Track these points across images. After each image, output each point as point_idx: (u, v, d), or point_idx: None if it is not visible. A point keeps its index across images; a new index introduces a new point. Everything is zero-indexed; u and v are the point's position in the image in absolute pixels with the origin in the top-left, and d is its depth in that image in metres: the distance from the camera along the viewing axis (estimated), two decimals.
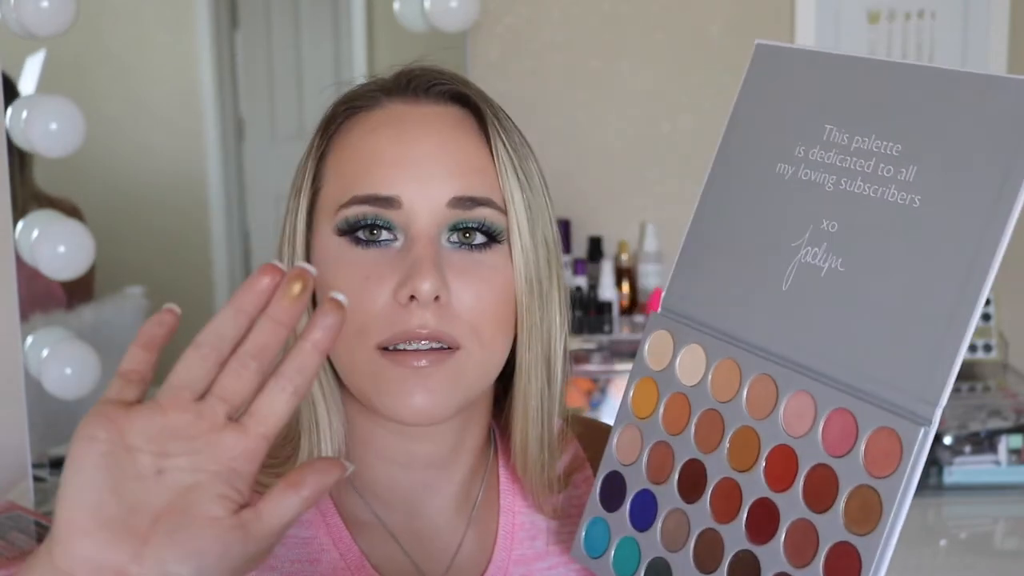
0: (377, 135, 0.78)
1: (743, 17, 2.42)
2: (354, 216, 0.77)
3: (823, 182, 0.71)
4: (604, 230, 2.44)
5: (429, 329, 0.75)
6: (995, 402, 2.06)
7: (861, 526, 0.65)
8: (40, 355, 1.62)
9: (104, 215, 2.37)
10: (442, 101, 0.80)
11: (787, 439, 0.69)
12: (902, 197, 0.67)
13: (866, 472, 0.66)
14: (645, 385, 0.78)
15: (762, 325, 0.72)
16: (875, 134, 0.69)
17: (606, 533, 0.77)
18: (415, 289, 0.74)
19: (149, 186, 2.81)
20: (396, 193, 0.76)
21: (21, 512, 1.43)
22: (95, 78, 2.72)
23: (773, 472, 0.70)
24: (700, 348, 0.75)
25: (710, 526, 0.72)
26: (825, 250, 0.70)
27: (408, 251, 0.76)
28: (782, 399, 0.70)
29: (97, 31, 2.66)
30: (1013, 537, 1.98)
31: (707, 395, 0.74)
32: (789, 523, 0.68)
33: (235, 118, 2.80)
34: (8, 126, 1.57)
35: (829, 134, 0.71)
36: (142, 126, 2.82)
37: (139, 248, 2.70)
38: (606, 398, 2.19)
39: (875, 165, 0.68)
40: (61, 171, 2.03)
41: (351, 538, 0.83)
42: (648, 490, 0.75)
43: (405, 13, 2.15)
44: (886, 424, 0.65)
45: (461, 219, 0.77)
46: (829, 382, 0.68)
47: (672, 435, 0.75)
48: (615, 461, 0.78)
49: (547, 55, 2.42)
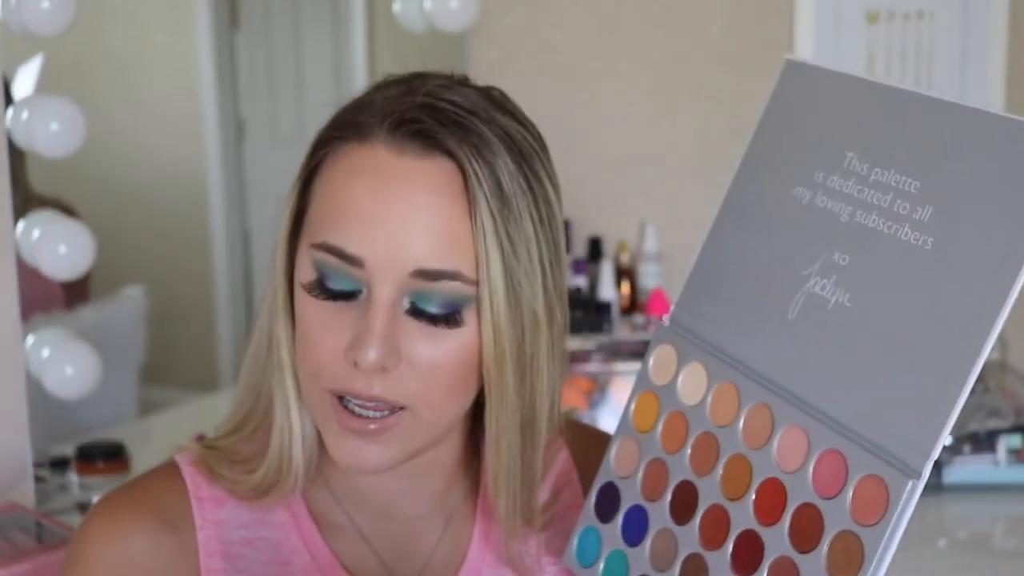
0: (356, 182, 0.75)
1: (743, 17, 2.42)
2: (321, 262, 0.75)
3: (839, 212, 0.69)
4: (604, 230, 2.44)
5: (375, 392, 0.74)
6: (994, 402, 2.06)
7: (843, 572, 0.64)
8: (40, 355, 1.62)
9: (104, 215, 2.38)
10: (429, 153, 0.75)
11: (779, 473, 0.68)
12: (915, 237, 0.65)
13: (851, 518, 0.64)
14: (647, 399, 0.77)
15: (764, 352, 0.71)
16: (895, 168, 0.67)
17: (598, 543, 0.77)
18: (358, 357, 0.73)
19: (149, 186, 2.81)
20: (362, 254, 0.74)
21: (21, 512, 1.43)
22: (95, 78, 2.72)
23: (762, 505, 0.69)
24: (702, 367, 0.74)
25: (697, 551, 0.71)
26: (834, 283, 0.68)
27: (365, 312, 0.74)
28: (777, 431, 0.69)
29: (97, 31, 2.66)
30: (1012, 537, 1.98)
31: (705, 417, 0.73)
32: (773, 559, 0.67)
33: (235, 118, 2.80)
34: (8, 126, 1.57)
35: (849, 162, 0.69)
36: (142, 126, 2.82)
37: (139, 248, 2.70)
38: (606, 398, 2.19)
39: (892, 200, 0.67)
40: (61, 171, 2.03)
41: (323, 541, 0.82)
42: (641, 506, 0.75)
43: (405, 13, 2.15)
44: (875, 472, 0.64)
45: (423, 290, 0.74)
46: (824, 419, 0.67)
47: (669, 453, 0.74)
48: (612, 472, 0.77)
49: (547, 55, 2.42)
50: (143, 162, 2.82)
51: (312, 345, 0.76)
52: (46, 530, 1.37)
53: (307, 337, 0.76)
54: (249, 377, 0.83)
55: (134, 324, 2.36)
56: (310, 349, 0.76)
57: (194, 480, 0.82)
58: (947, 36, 2.39)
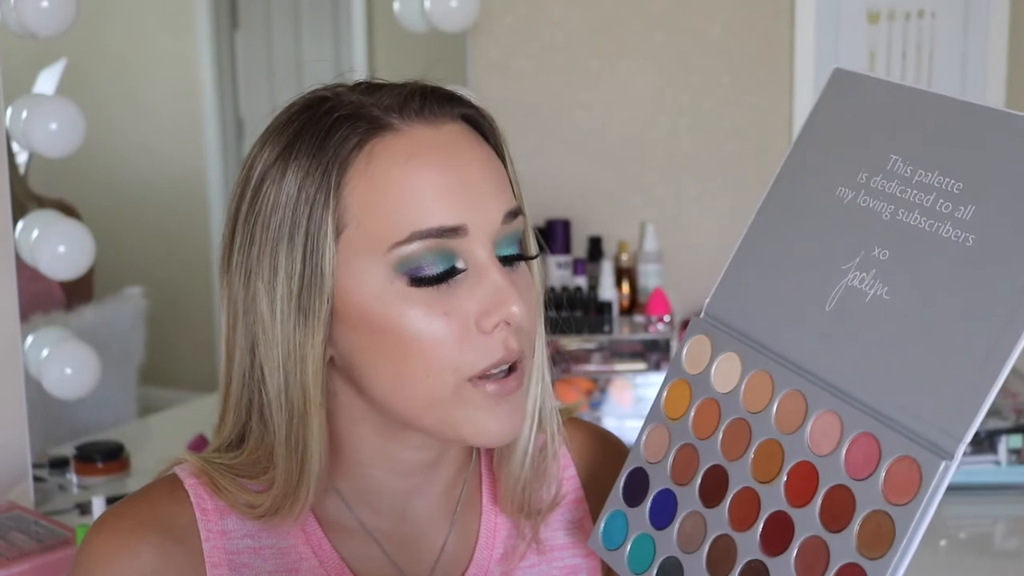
0: (413, 164, 0.75)
1: (743, 17, 2.42)
2: (417, 252, 0.74)
3: (881, 210, 0.72)
4: (604, 230, 2.44)
5: (515, 349, 0.76)
6: (995, 402, 2.05)
7: (873, 550, 0.66)
8: (40, 355, 1.62)
9: (104, 215, 2.37)
10: (456, 120, 0.79)
11: (811, 456, 0.71)
12: (956, 234, 0.68)
13: (884, 498, 0.67)
14: (679, 387, 0.79)
15: (800, 342, 0.73)
16: (939, 170, 0.70)
17: (624, 527, 0.79)
18: (508, 315, 0.75)
19: (149, 186, 2.81)
20: (461, 222, 0.75)
21: (21, 512, 1.43)
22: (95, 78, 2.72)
23: (793, 487, 0.71)
24: (737, 357, 0.77)
25: (726, 532, 0.73)
26: (873, 276, 0.71)
27: (478, 279, 0.75)
28: (810, 416, 0.71)
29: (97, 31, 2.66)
30: (1013, 537, 1.98)
31: (738, 404, 0.75)
32: (803, 539, 0.69)
33: (235, 118, 2.80)
34: (8, 126, 1.57)
35: (894, 164, 0.73)
36: (142, 126, 2.82)
37: (139, 248, 2.70)
38: (606, 398, 2.19)
39: (935, 200, 0.70)
40: (61, 171, 2.03)
41: (331, 545, 0.82)
42: (670, 490, 0.77)
43: (405, 13, 2.15)
44: (908, 453, 0.66)
45: (507, 234, 0.78)
46: (858, 405, 0.69)
47: (700, 439, 0.77)
48: (641, 458, 0.80)
49: (547, 55, 2.42)
50: (143, 162, 2.81)
51: (435, 338, 0.74)
52: (45, 531, 1.37)
53: (425, 333, 0.75)
54: (237, 409, 0.81)
55: (134, 324, 2.35)
56: (434, 344, 0.74)
57: (197, 492, 0.81)
58: (948, 35, 2.39)
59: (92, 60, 2.67)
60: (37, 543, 1.33)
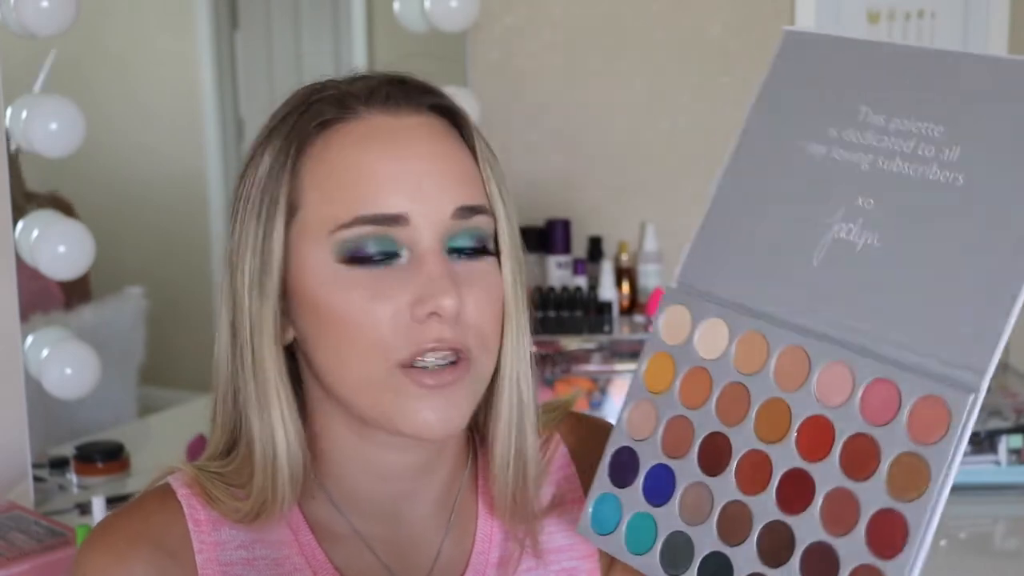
0: (365, 149, 0.76)
1: (743, 17, 2.42)
2: (358, 236, 0.75)
3: (858, 161, 0.72)
4: (604, 230, 2.44)
5: (447, 341, 0.75)
6: (995, 402, 2.05)
7: (907, 492, 0.66)
8: (40, 355, 1.62)
9: (104, 215, 2.37)
10: (421, 111, 0.79)
11: (822, 409, 0.70)
12: (944, 176, 0.68)
13: (911, 440, 0.66)
14: (660, 360, 0.78)
15: (789, 299, 0.73)
16: (915, 116, 0.70)
17: (617, 509, 0.77)
18: (438, 307, 0.74)
19: (149, 186, 2.81)
20: (403, 210, 0.75)
21: (21, 512, 1.43)
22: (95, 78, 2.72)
23: (807, 442, 0.70)
24: (721, 322, 0.75)
25: (736, 499, 0.71)
26: (860, 226, 0.71)
27: (418, 267, 0.75)
28: (815, 370, 0.70)
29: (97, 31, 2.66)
30: (1013, 537, 1.98)
31: (730, 368, 0.74)
32: (826, 492, 0.68)
33: (235, 118, 2.80)
34: (8, 126, 1.57)
35: (865, 115, 0.72)
36: (142, 126, 2.82)
37: (139, 248, 2.70)
38: (606, 398, 2.19)
39: (915, 145, 0.70)
40: (60, 171, 2.03)
41: (324, 555, 0.82)
42: (664, 464, 0.75)
43: (405, 13, 2.15)
44: (931, 392, 0.66)
45: (463, 229, 0.77)
46: (866, 352, 0.69)
47: (691, 409, 0.75)
48: (626, 436, 0.78)
49: (547, 55, 2.42)
50: (143, 162, 2.81)
51: (366, 319, 0.75)
52: (45, 531, 1.37)
53: (356, 314, 0.75)
54: (224, 406, 0.81)
55: (134, 324, 2.36)
56: (363, 323, 0.75)
57: (189, 503, 0.80)
58: (948, 35, 2.39)
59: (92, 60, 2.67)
60: (37, 543, 1.33)
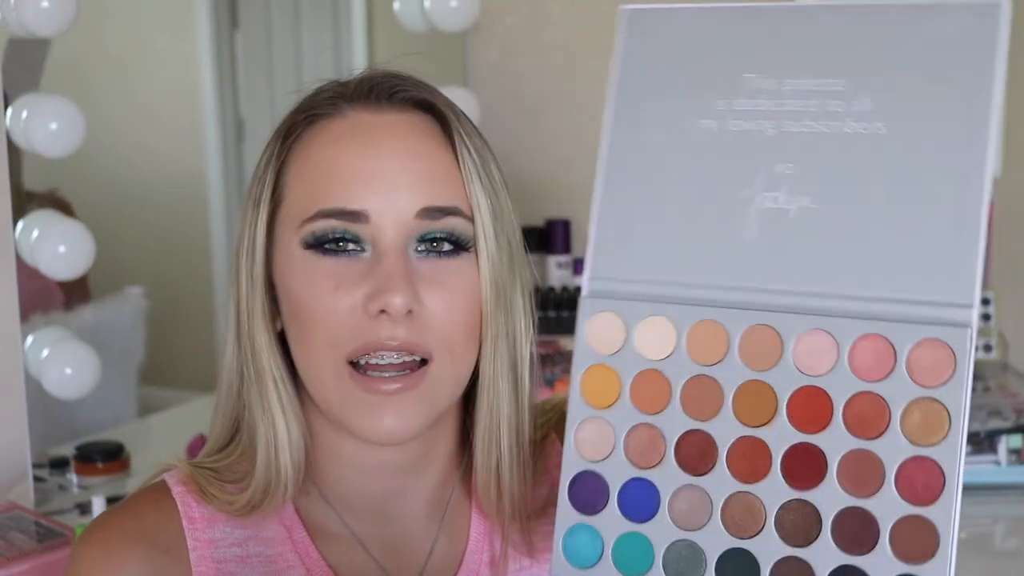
0: (340, 146, 0.77)
1: None
2: (321, 230, 0.76)
3: (761, 129, 0.70)
4: None
5: (399, 341, 0.74)
6: (995, 402, 2.05)
7: (930, 436, 0.65)
8: (40, 355, 1.62)
9: (104, 215, 2.37)
10: (405, 108, 0.79)
11: (809, 380, 0.68)
12: (864, 127, 0.67)
13: (918, 386, 0.65)
14: (597, 373, 0.73)
15: (733, 279, 0.70)
16: (810, 74, 0.69)
17: (595, 537, 0.72)
18: (386, 304, 0.73)
19: (149, 186, 2.81)
20: (363, 207, 0.75)
21: (21, 512, 1.43)
22: (95, 78, 2.72)
23: (802, 416, 0.68)
24: (662, 319, 0.71)
25: (737, 491, 0.69)
26: (786, 192, 0.69)
27: (377, 263, 0.75)
28: (787, 344, 0.68)
29: (97, 31, 2.66)
30: (1013, 537, 1.98)
31: (687, 363, 0.71)
32: (839, 458, 0.66)
33: (235, 118, 2.80)
34: (8, 126, 1.57)
35: (751, 82, 0.70)
36: (142, 126, 2.82)
37: (139, 248, 2.70)
38: None
39: (820, 103, 0.68)
40: (60, 171, 2.03)
41: (317, 552, 0.81)
42: (638, 478, 0.71)
43: (405, 13, 2.15)
44: (927, 336, 0.65)
45: (429, 230, 0.76)
46: (837, 313, 0.67)
47: (652, 414, 0.71)
48: (581, 460, 0.73)
49: (547, 55, 2.42)
50: (143, 162, 2.81)
51: (325, 310, 0.75)
52: (45, 531, 1.37)
53: (313, 304, 0.76)
54: (227, 398, 0.82)
55: (134, 324, 2.36)
56: (321, 315, 0.75)
57: (184, 500, 0.81)
58: None
59: (92, 60, 2.67)
60: (37, 543, 1.33)
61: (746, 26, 0.71)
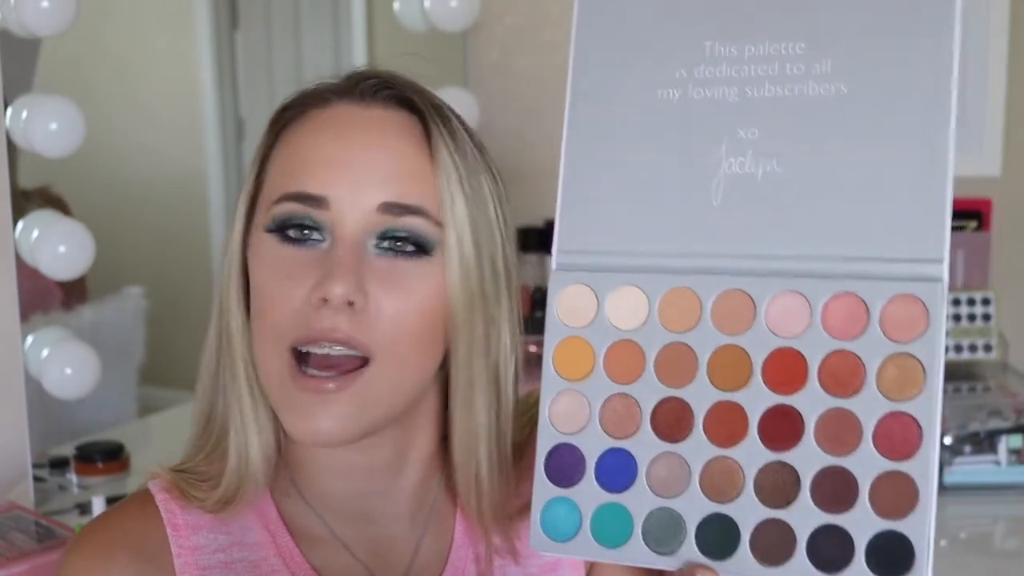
0: (318, 135, 0.77)
1: None
2: (283, 213, 0.76)
3: (723, 96, 0.70)
4: None
5: (341, 333, 0.73)
6: (995, 402, 2.05)
7: (905, 391, 0.65)
8: (40, 355, 1.62)
9: (104, 215, 2.37)
10: (390, 105, 0.78)
11: (783, 342, 0.68)
12: (825, 88, 0.68)
13: (892, 341, 0.65)
14: (570, 345, 0.73)
15: (702, 246, 0.70)
16: (769, 39, 0.69)
17: (572, 510, 0.72)
18: (326, 292, 0.72)
19: (149, 186, 2.81)
20: (325, 193, 0.75)
21: (21, 512, 1.43)
22: (95, 78, 2.72)
23: (777, 377, 0.68)
24: (634, 288, 0.72)
25: (715, 456, 0.69)
26: (751, 157, 0.69)
27: (330, 252, 0.74)
28: (760, 307, 0.69)
29: (97, 31, 2.66)
30: (1013, 537, 1.98)
31: (660, 331, 0.71)
32: (816, 418, 0.66)
33: (235, 118, 2.80)
34: (8, 126, 1.57)
35: (712, 50, 0.71)
36: (142, 126, 2.82)
37: (139, 248, 2.70)
38: None
39: (780, 67, 0.69)
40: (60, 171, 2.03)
41: (301, 555, 0.81)
42: (615, 448, 0.71)
43: (405, 13, 2.15)
44: (899, 292, 0.65)
45: (390, 226, 0.75)
46: (807, 274, 0.67)
47: (626, 384, 0.71)
48: (556, 434, 0.73)
49: (547, 55, 2.42)
50: (143, 162, 2.81)
51: (274, 297, 0.75)
52: (45, 531, 1.37)
53: (268, 289, 0.75)
54: (202, 387, 0.82)
55: (134, 324, 2.35)
56: (272, 302, 0.75)
57: (167, 507, 0.81)
58: None
59: (92, 60, 2.67)
60: (37, 543, 1.32)
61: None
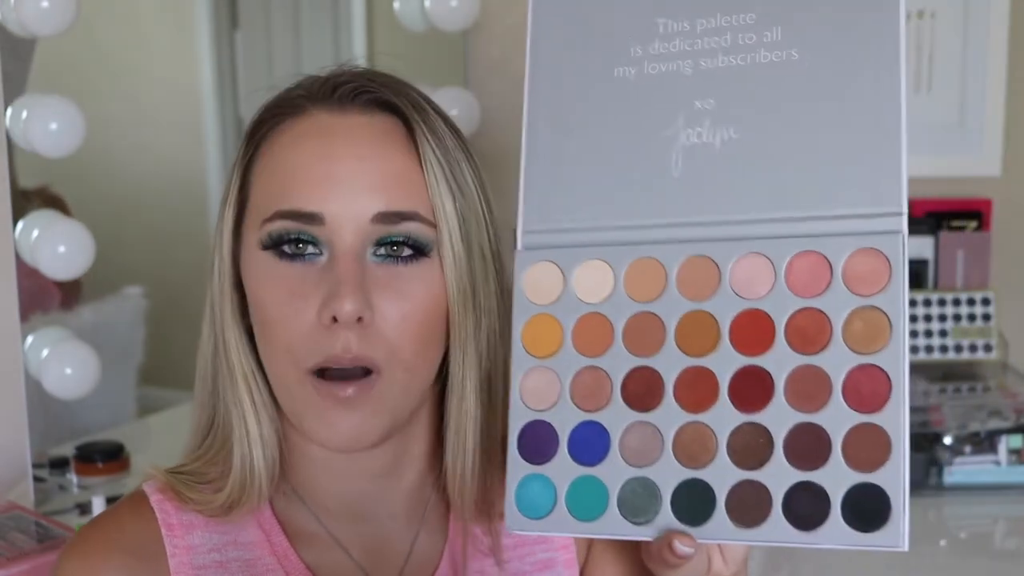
0: (301, 147, 0.76)
1: None
2: (277, 231, 0.75)
3: (678, 69, 0.72)
4: None
5: (353, 353, 0.74)
6: (995, 402, 2.05)
7: (872, 344, 0.66)
8: (40, 355, 1.62)
9: (103, 215, 2.37)
10: (369, 109, 0.78)
11: (748, 304, 0.69)
12: (776, 55, 0.70)
13: (856, 295, 0.66)
14: (538, 322, 0.74)
15: (664, 216, 0.71)
16: (721, 12, 0.71)
17: (547, 486, 0.72)
18: (337, 311, 0.73)
19: (149, 186, 2.81)
20: (319, 210, 0.75)
21: (21, 512, 1.43)
22: (95, 78, 2.72)
23: (745, 339, 0.69)
24: (599, 262, 0.73)
25: (686, 422, 0.69)
26: (708, 127, 0.71)
27: (332, 268, 0.74)
28: (725, 271, 0.70)
29: (96, 31, 2.66)
30: (1013, 537, 1.98)
31: (626, 302, 0.72)
32: (785, 377, 0.67)
33: (235, 118, 2.80)
34: (8, 126, 1.57)
35: (665, 27, 0.72)
36: (142, 126, 2.82)
37: (139, 248, 2.70)
38: None
39: (732, 38, 0.71)
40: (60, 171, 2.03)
41: (296, 554, 0.82)
42: (587, 422, 0.72)
43: (405, 13, 2.15)
44: (860, 247, 0.66)
45: (386, 234, 0.75)
46: (769, 236, 0.69)
47: (595, 357, 0.72)
48: (527, 411, 0.73)
49: None
50: (143, 162, 2.81)
51: (282, 318, 0.75)
52: (45, 531, 1.37)
53: (274, 308, 0.75)
54: (201, 396, 0.82)
55: (134, 324, 2.35)
56: (280, 323, 0.75)
57: (162, 508, 0.81)
58: (948, 35, 2.39)
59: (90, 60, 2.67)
60: (37, 543, 1.32)
61: None
